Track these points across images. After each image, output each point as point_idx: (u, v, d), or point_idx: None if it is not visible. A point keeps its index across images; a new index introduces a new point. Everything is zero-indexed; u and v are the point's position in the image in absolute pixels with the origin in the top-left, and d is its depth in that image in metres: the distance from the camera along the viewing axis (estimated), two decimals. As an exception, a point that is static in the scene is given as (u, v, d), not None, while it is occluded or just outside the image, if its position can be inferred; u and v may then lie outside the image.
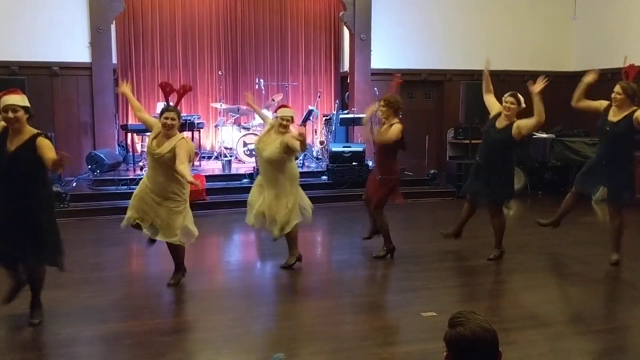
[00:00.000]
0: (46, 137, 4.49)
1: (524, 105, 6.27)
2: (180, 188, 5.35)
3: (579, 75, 12.76)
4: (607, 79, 11.99)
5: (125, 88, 5.74)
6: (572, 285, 5.98)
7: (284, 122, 6.07)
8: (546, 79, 6.20)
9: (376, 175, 6.62)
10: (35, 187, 4.47)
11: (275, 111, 6.35)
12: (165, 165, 5.22)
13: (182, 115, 10.64)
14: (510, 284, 5.83)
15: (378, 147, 6.56)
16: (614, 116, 6.06)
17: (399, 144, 6.34)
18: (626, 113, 5.96)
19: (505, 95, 6.29)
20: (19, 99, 4.36)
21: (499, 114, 6.31)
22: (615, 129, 6.02)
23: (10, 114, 4.28)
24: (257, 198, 6.13)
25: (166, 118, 5.23)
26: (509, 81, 12.60)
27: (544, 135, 11.34)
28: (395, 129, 6.25)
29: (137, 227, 5.45)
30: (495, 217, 6.44)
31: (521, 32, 12.65)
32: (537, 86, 6.12)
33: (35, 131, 4.45)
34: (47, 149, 4.34)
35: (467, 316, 2.10)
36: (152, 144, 5.28)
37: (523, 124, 6.09)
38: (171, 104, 5.52)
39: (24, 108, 4.36)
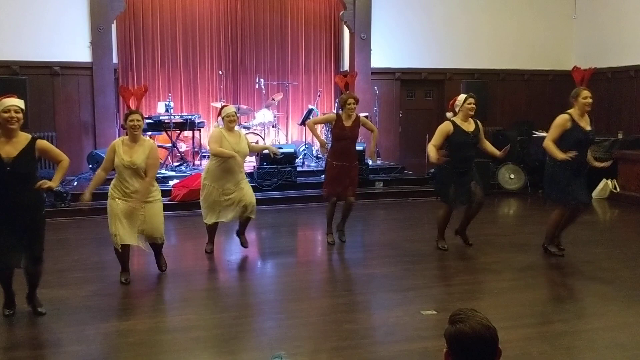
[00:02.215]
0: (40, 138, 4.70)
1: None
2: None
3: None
4: (606, 77, 12.05)
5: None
6: (572, 284, 6.00)
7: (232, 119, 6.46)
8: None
9: (352, 163, 6.95)
10: (32, 188, 4.57)
11: (220, 112, 6.69)
12: (140, 170, 5.47)
13: (183, 114, 10.72)
14: (511, 282, 5.85)
15: (352, 139, 6.95)
16: (586, 125, 6.25)
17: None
18: (588, 119, 6.26)
19: (467, 97, 6.36)
20: (20, 102, 4.51)
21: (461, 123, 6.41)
22: (591, 137, 6.30)
23: (14, 114, 4.41)
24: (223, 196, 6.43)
25: (132, 120, 5.46)
26: (509, 80, 12.66)
27: (544, 134, 11.34)
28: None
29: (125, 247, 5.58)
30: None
31: (521, 31, 12.66)
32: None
33: (29, 135, 4.59)
34: (54, 148, 4.68)
35: (468, 313, 2.12)
36: (124, 159, 5.41)
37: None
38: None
39: (22, 111, 4.51)
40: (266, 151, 7.73)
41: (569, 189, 6.21)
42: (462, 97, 6.53)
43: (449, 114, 6.68)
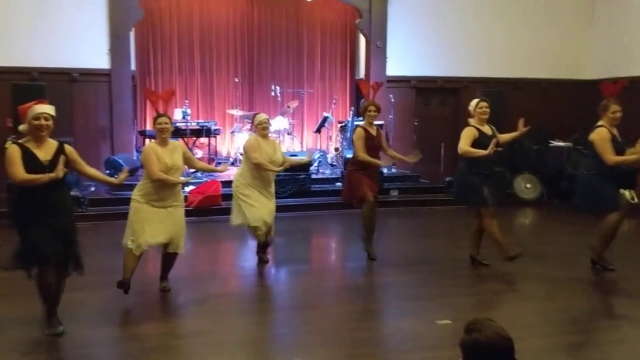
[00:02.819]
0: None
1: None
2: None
3: (595, 84, 12.72)
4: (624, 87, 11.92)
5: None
6: (589, 294, 5.93)
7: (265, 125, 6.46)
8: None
9: (376, 172, 6.99)
10: (67, 191, 4.69)
11: (253, 120, 6.69)
12: (179, 172, 5.53)
13: (199, 121, 10.76)
14: (527, 292, 5.80)
15: (379, 148, 6.93)
16: (617, 135, 6.25)
17: None
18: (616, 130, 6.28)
19: (479, 101, 6.31)
20: (50, 109, 4.54)
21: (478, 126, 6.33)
22: (625, 147, 6.24)
23: (44, 122, 4.44)
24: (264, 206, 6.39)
25: (160, 123, 5.44)
26: (525, 88, 12.58)
27: (561, 144, 11.28)
28: None
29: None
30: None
31: (538, 39, 12.60)
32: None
33: (57, 141, 4.62)
34: (78, 156, 4.70)
35: (484, 323, 2.10)
36: (167, 162, 5.36)
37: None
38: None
39: (53, 118, 4.53)
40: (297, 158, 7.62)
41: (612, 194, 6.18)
42: (474, 101, 6.50)
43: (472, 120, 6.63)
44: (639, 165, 6.28)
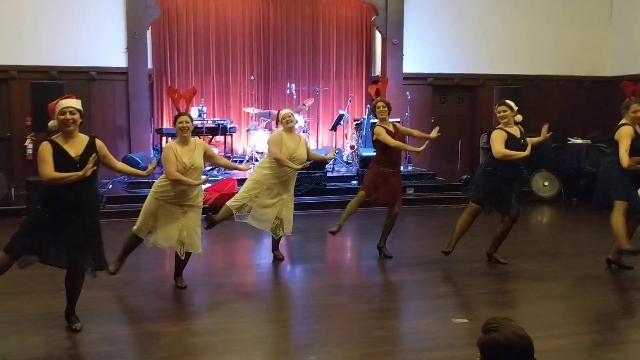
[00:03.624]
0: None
1: (516, 108, 6.36)
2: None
3: (614, 81, 12.61)
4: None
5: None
6: (607, 293, 5.86)
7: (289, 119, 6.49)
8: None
9: (399, 170, 6.91)
10: (95, 188, 4.72)
11: (278, 113, 6.72)
12: (200, 172, 5.53)
13: (215, 119, 10.76)
14: (544, 291, 5.74)
15: (402, 140, 6.94)
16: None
17: None
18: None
19: (497, 106, 6.33)
20: (76, 102, 4.56)
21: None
22: None
23: (69, 116, 4.45)
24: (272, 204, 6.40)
25: (181, 122, 5.45)
26: (543, 86, 12.47)
27: (580, 142, 11.16)
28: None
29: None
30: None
31: (556, 37, 12.47)
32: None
33: (88, 135, 4.64)
34: (107, 150, 4.71)
35: (502, 322, 2.08)
36: (185, 162, 5.38)
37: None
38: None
39: (79, 111, 4.54)
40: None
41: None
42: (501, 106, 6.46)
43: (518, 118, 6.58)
44: None
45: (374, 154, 7.01)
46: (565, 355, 4.26)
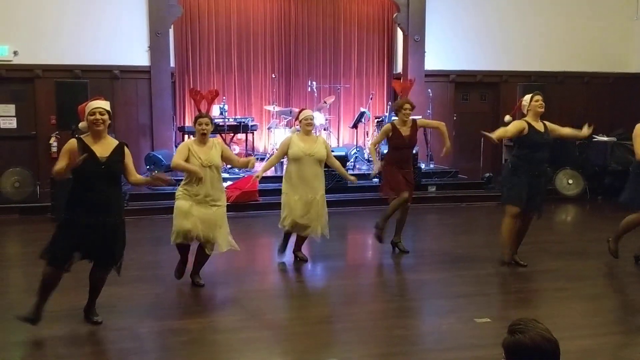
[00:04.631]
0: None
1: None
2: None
3: (641, 77, 12.34)
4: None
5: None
6: (633, 293, 5.76)
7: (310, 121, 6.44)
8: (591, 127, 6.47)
9: (410, 169, 6.96)
10: (120, 192, 4.76)
11: (298, 115, 6.62)
12: (219, 169, 5.59)
13: (236, 117, 10.79)
14: (568, 291, 5.66)
15: (411, 147, 6.99)
16: None
17: None
18: None
19: (533, 95, 6.15)
20: (105, 104, 4.59)
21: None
22: None
23: (98, 116, 4.48)
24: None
25: (200, 124, 5.51)
26: (567, 82, 12.29)
27: (605, 139, 10.98)
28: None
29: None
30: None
31: (580, 32, 12.27)
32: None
33: (118, 141, 4.68)
34: (131, 160, 4.71)
35: (528, 324, 2.04)
36: (202, 157, 5.44)
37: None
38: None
39: (108, 112, 4.57)
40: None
41: None
42: (528, 96, 6.29)
43: (507, 118, 6.44)
44: None
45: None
46: (590, 356, 4.19)
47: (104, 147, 4.52)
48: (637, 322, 5.03)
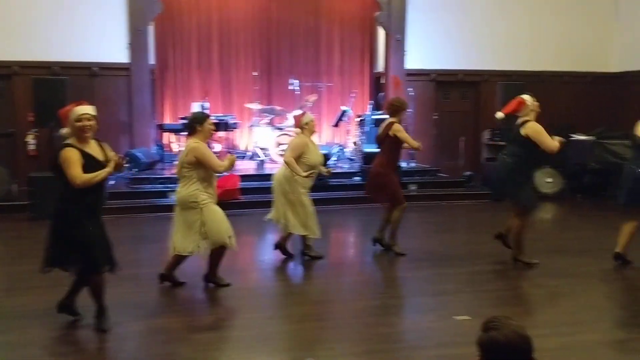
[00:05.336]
0: None
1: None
2: None
3: (620, 76, 12.56)
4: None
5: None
6: (611, 291, 5.84)
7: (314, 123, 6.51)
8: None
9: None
10: (105, 190, 4.77)
11: (299, 120, 6.60)
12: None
13: (217, 115, 10.72)
14: (548, 288, 5.72)
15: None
16: None
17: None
18: None
19: (528, 97, 6.22)
20: (91, 109, 4.53)
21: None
22: None
23: (86, 122, 4.43)
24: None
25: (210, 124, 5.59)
26: (547, 82, 12.40)
27: (583, 138, 11.10)
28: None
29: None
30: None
31: (561, 32, 12.40)
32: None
33: (94, 139, 4.62)
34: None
35: (502, 321, 2.07)
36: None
37: None
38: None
39: (95, 117, 4.52)
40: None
41: None
42: (528, 97, 6.37)
43: (500, 115, 6.49)
44: None
45: (378, 153, 6.90)
46: (567, 353, 4.23)
47: (94, 150, 4.50)
48: (614, 319, 5.10)
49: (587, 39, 12.55)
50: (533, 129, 6.07)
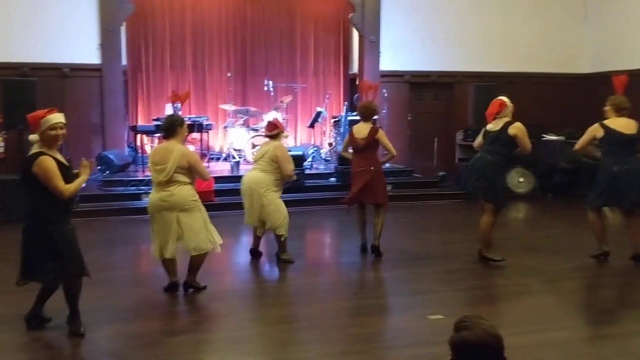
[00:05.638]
0: None
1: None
2: None
3: (590, 78, 12.79)
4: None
5: None
6: (581, 289, 5.95)
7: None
8: None
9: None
10: None
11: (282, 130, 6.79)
12: None
13: (191, 117, 10.68)
14: (520, 287, 5.79)
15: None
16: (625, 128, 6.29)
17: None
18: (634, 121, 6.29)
19: (506, 98, 6.34)
20: (62, 117, 4.51)
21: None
22: (632, 136, 6.26)
23: (60, 131, 4.42)
24: None
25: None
26: (518, 83, 12.57)
27: (554, 138, 11.28)
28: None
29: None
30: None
31: (532, 34, 12.58)
32: None
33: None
34: None
35: (474, 320, 2.09)
36: None
37: None
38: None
39: (65, 126, 4.52)
40: None
41: None
42: (507, 99, 6.45)
43: (490, 126, 6.55)
44: None
45: (363, 154, 6.86)
46: (537, 351, 4.29)
47: (59, 155, 4.48)
48: (585, 317, 5.19)
49: (557, 41, 12.75)
50: (521, 130, 6.21)
